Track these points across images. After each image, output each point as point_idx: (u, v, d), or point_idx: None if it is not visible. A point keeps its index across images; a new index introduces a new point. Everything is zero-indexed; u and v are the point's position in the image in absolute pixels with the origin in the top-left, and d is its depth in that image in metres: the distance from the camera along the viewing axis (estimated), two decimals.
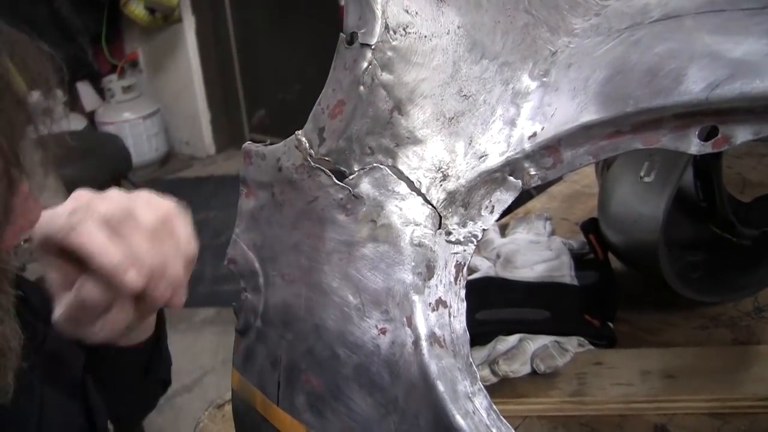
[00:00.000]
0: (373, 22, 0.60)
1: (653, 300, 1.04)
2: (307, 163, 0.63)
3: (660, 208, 0.93)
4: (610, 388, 0.84)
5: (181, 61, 5.07)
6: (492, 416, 0.55)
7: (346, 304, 0.62)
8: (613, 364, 0.89)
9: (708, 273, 1.07)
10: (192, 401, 2.73)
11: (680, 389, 0.83)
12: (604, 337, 0.93)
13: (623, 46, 0.62)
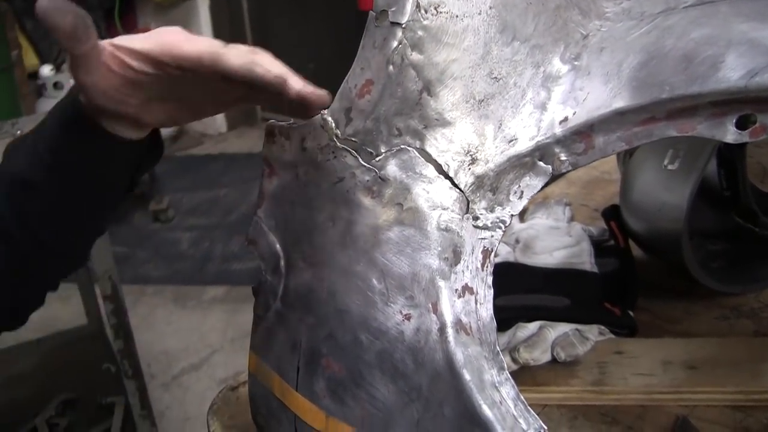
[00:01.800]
0: (404, 1, 0.58)
1: (674, 289, 1.03)
2: (333, 144, 0.61)
3: (684, 196, 0.91)
4: (631, 378, 0.83)
5: None
6: (519, 407, 0.54)
7: (370, 289, 0.60)
8: (634, 353, 0.87)
9: (729, 263, 1.05)
10: (200, 380, 2.73)
11: (702, 380, 0.82)
12: (624, 326, 0.92)
13: (657, 31, 0.60)
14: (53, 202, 0.70)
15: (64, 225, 0.72)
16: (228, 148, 5.02)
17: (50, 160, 0.68)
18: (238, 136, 5.25)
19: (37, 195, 0.69)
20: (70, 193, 0.70)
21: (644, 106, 0.56)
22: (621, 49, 0.61)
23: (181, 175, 4.53)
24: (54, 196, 0.69)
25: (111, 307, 1.78)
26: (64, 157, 0.68)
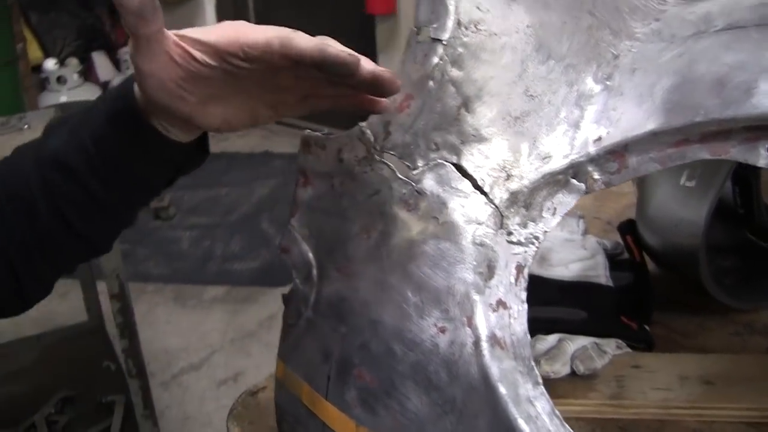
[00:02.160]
0: (445, 18, 0.59)
1: (688, 303, 1.04)
2: (371, 156, 0.63)
3: (701, 213, 0.93)
4: (649, 392, 0.84)
5: None
6: (555, 421, 0.55)
7: (405, 301, 0.61)
8: (652, 367, 0.88)
9: (741, 279, 1.06)
10: (199, 380, 2.73)
11: (719, 396, 0.83)
12: (642, 340, 0.93)
13: (689, 54, 0.61)
14: (88, 188, 0.69)
15: (94, 212, 0.71)
16: (229, 147, 5.01)
17: (93, 148, 0.68)
18: (240, 136, 5.24)
19: (72, 179, 0.69)
20: (106, 183, 0.69)
21: (679, 129, 0.58)
22: (653, 71, 0.62)
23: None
24: (90, 183, 0.69)
25: (117, 305, 1.78)
26: (107, 149, 0.68)
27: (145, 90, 0.62)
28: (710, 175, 0.94)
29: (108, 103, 0.68)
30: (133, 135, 0.67)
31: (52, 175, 0.69)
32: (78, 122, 0.69)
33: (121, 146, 0.68)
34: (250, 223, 3.95)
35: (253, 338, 2.98)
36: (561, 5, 0.65)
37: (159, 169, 0.72)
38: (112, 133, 0.67)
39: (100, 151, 0.68)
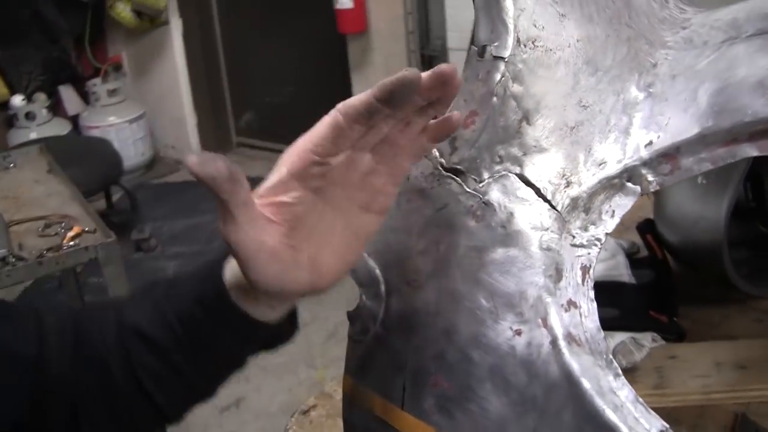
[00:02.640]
0: (506, 36, 0.63)
1: (707, 296, 1.08)
2: (438, 172, 0.66)
3: (720, 209, 0.97)
4: (688, 380, 0.88)
5: (166, 63, 5.06)
6: (640, 408, 0.58)
7: (479, 308, 0.64)
8: (687, 357, 0.93)
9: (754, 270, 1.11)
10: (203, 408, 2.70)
11: (754, 379, 0.88)
12: (674, 332, 0.97)
13: (725, 60, 0.65)
14: (172, 363, 0.68)
15: (175, 385, 0.70)
16: None
17: (179, 327, 0.67)
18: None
19: (156, 353, 0.68)
20: (192, 360, 0.68)
21: (728, 129, 0.62)
22: (693, 77, 0.66)
23: (159, 203, 4.53)
24: (174, 359, 0.68)
25: None
26: (195, 329, 0.67)
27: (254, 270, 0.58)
28: (726, 173, 0.98)
29: (196, 284, 0.67)
30: (222, 319, 0.65)
31: (133, 345, 0.68)
32: (162, 297, 0.69)
33: (209, 328, 0.66)
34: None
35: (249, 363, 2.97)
36: (603, 19, 0.69)
37: (249, 348, 0.71)
38: (200, 315, 0.66)
39: (187, 330, 0.67)
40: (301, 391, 2.84)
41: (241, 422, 2.67)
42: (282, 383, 2.89)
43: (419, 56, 4.14)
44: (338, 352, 3.04)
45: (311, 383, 2.89)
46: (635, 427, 0.56)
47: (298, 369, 2.98)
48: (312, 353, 3.08)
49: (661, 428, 0.56)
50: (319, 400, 0.94)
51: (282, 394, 2.83)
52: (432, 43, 4.23)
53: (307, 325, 3.27)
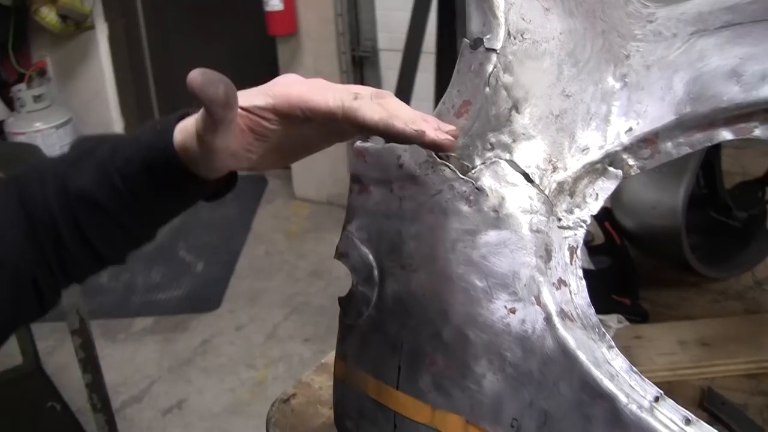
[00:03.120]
0: (497, 29, 0.66)
1: (664, 279, 1.13)
2: (432, 159, 0.68)
3: (678, 195, 1.02)
4: (655, 358, 0.93)
5: (93, 68, 4.98)
6: (634, 377, 0.62)
7: (473, 288, 0.67)
8: (652, 337, 0.97)
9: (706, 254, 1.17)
10: (143, 411, 2.72)
11: (717, 355, 0.93)
12: (638, 314, 1.02)
13: (696, 50, 0.70)
14: (118, 221, 0.72)
15: (120, 238, 0.75)
16: None
17: (124, 188, 0.71)
18: None
19: (102, 213, 0.72)
20: (137, 216, 0.73)
21: (706, 115, 0.66)
22: (667, 67, 0.70)
23: None
24: (120, 216, 0.72)
25: (79, 341, 1.78)
26: (140, 191, 0.71)
27: (213, 162, 0.67)
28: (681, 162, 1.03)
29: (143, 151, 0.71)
30: (169, 182, 0.71)
31: (78, 209, 0.72)
32: (107, 160, 0.72)
33: (155, 190, 0.72)
34: (167, 253, 3.92)
35: (190, 365, 2.98)
36: (581, 13, 0.72)
37: (190, 202, 0.76)
38: (146, 179, 0.71)
39: (133, 191, 0.71)
40: (244, 391, 2.86)
41: (185, 424, 2.66)
42: (224, 384, 2.90)
43: (350, 57, 4.17)
44: (278, 352, 3.07)
45: (253, 383, 2.91)
46: (631, 394, 0.59)
47: (238, 370, 2.99)
48: (252, 354, 3.09)
49: (656, 394, 0.60)
50: (298, 390, 0.96)
51: (225, 395, 2.83)
52: (362, 44, 4.26)
53: (245, 326, 3.27)
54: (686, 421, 0.57)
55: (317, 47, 4.27)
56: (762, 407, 0.86)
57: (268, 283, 3.64)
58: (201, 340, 3.14)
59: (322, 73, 4.28)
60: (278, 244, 3.97)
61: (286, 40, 4.33)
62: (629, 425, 0.58)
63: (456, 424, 0.68)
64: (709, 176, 1.15)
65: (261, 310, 3.40)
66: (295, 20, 4.22)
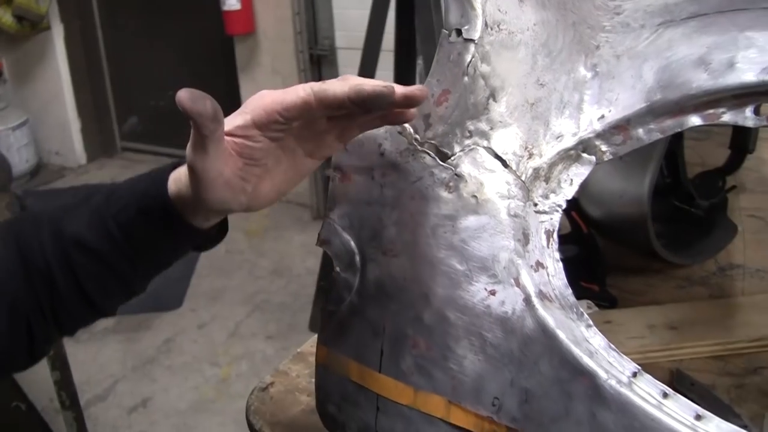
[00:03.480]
0: (475, 20, 0.68)
1: (630, 266, 1.16)
2: (413, 147, 0.70)
3: (644, 183, 1.05)
4: (625, 342, 0.95)
5: (49, 69, 4.94)
6: (612, 354, 0.64)
7: (454, 272, 0.69)
8: (621, 321, 1.00)
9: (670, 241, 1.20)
10: (108, 410, 2.71)
11: (685, 338, 0.95)
12: (606, 299, 1.05)
13: (663, 40, 0.72)
14: (113, 269, 0.73)
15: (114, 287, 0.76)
16: (91, 179, 4.93)
17: (118, 234, 0.72)
18: (99, 168, 5.17)
19: (98, 260, 0.73)
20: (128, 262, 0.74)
21: (675, 101, 0.69)
22: (636, 57, 0.73)
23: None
24: (116, 264, 0.73)
25: None
26: (134, 237, 0.73)
27: (208, 192, 0.67)
28: (647, 150, 1.06)
29: (140, 195, 0.73)
30: (164, 229, 0.72)
31: (73, 255, 0.73)
32: (102, 206, 0.73)
33: (150, 237, 0.73)
34: None
35: (154, 363, 2.97)
36: (553, 5, 0.75)
37: (185, 251, 0.78)
38: (143, 224, 0.72)
39: (128, 237, 0.72)
40: (208, 388, 2.86)
41: (150, 422, 2.66)
42: (188, 382, 2.90)
43: (308, 56, 4.17)
44: (240, 349, 3.08)
45: (217, 381, 2.92)
46: (610, 370, 0.62)
47: (202, 368, 2.99)
48: (215, 352, 3.09)
49: (634, 370, 0.62)
50: (276, 378, 0.97)
51: (189, 393, 2.83)
52: (320, 42, 4.26)
53: (207, 324, 3.27)
54: (664, 395, 0.59)
55: (275, 46, 4.28)
56: (729, 387, 0.89)
57: (229, 281, 3.63)
58: (164, 338, 3.14)
59: (280, 72, 4.29)
60: (238, 243, 3.96)
61: (244, 39, 4.33)
62: (609, 400, 0.60)
63: (438, 404, 0.70)
64: (672, 166, 1.18)
65: (223, 309, 3.40)
66: (253, 19, 4.22)
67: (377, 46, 2.78)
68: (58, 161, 5.21)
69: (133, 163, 5.17)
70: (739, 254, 1.16)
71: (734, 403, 0.86)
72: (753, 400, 0.87)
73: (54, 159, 5.23)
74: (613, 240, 1.19)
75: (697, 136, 1.25)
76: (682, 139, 1.16)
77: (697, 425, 0.57)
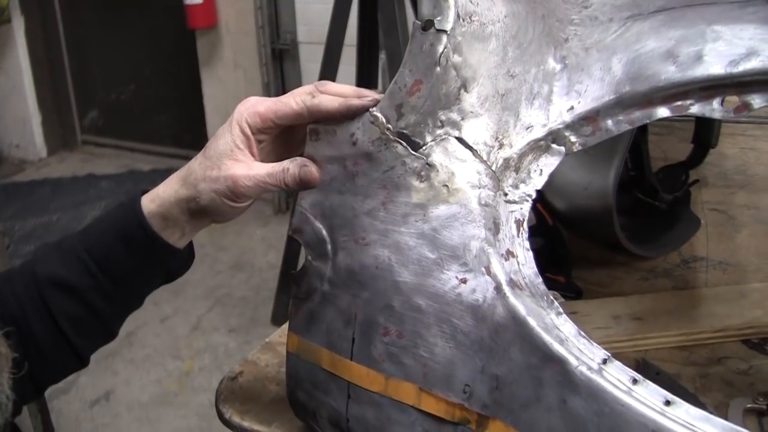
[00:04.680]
0: (447, 11, 0.68)
1: (594, 259, 1.18)
2: (385, 136, 0.71)
3: (608, 176, 1.06)
4: (591, 332, 0.96)
5: (9, 62, 4.89)
6: (582, 341, 0.65)
7: (425, 260, 0.70)
8: (587, 312, 1.01)
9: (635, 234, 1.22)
10: (70, 403, 2.69)
11: (650, 328, 0.97)
12: (572, 290, 1.06)
13: (631, 33, 0.74)
14: (91, 305, 0.76)
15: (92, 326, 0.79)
16: (51, 173, 4.89)
17: (96, 269, 0.75)
18: (59, 161, 5.12)
19: (76, 298, 0.75)
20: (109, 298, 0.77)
21: (644, 93, 0.70)
22: (605, 49, 0.74)
23: (8, 203, 4.40)
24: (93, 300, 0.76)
25: None
26: (113, 269, 0.76)
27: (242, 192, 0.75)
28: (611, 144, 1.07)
29: (114, 223, 0.77)
30: (143, 250, 0.76)
31: (50, 296, 0.75)
32: (76, 243, 0.76)
33: (127, 265, 0.76)
34: None
35: (116, 357, 2.96)
36: None
37: (158, 279, 0.81)
38: (121, 250, 0.75)
39: (105, 270, 0.75)
40: (171, 382, 2.86)
41: (113, 414, 2.65)
42: (150, 375, 2.90)
43: (270, 50, 4.16)
44: (203, 343, 3.07)
45: (179, 374, 2.92)
46: (580, 357, 0.63)
47: (165, 361, 2.99)
48: (177, 345, 3.10)
49: (604, 357, 0.63)
50: (245, 367, 0.97)
51: (151, 386, 2.83)
52: (282, 37, 4.26)
53: (170, 318, 3.26)
54: (633, 381, 0.60)
55: (237, 40, 4.27)
56: (694, 376, 0.91)
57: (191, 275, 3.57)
58: (126, 331, 3.10)
59: (242, 66, 4.28)
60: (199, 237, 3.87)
61: (206, 33, 4.32)
62: (580, 386, 0.61)
63: (409, 392, 0.71)
64: (636, 160, 1.19)
65: (185, 302, 3.38)
66: (215, 13, 4.21)
67: (340, 41, 2.78)
68: (18, 154, 5.16)
69: (94, 156, 5.13)
70: (703, 247, 1.18)
71: (699, 392, 0.88)
72: (717, 389, 0.89)
73: (14, 152, 5.18)
74: (578, 232, 1.21)
75: (660, 131, 1.27)
76: (646, 132, 1.18)
77: (667, 410, 0.58)
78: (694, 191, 1.26)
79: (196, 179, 0.75)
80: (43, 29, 5.00)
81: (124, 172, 4.79)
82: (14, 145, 5.16)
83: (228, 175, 0.74)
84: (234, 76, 4.35)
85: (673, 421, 0.57)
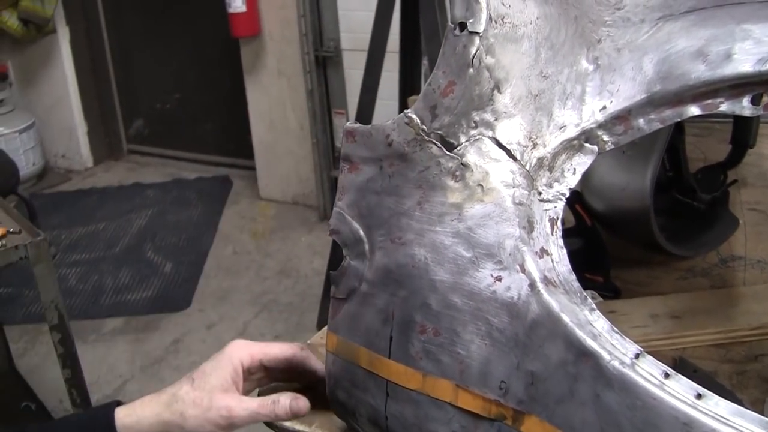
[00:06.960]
0: (480, 13, 0.70)
1: (633, 259, 1.18)
2: (420, 137, 0.72)
3: (646, 177, 1.07)
4: (629, 331, 0.97)
5: (55, 72, 4.97)
6: (615, 336, 0.66)
7: (460, 259, 0.71)
8: (625, 311, 1.02)
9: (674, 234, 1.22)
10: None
11: (687, 327, 0.97)
12: (610, 290, 1.07)
13: (663, 33, 0.74)
14: None
15: None
16: (98, 182, 4.97)
17: None
18: (105, 170, 5.20)
19: None
20: None
21: (675, 92, 0.70)
22: (636, 50, 0.75)
23: (54, 212, 4.47)
24: None
25: (58, 336, 1.79)
26: None
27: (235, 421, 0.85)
28: (649, 144, 1.08)
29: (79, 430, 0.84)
30: None
31: None
32: None
33: None
34: (134, 254, 3.93)
35: (162, 363, 2.99)
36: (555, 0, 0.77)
37: None
38: None
39: None
40: None
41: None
42: None
43: (313, 58, 4.20)
44: None
45: None
46: (613, 352, 0.63)
47: None
48: None
49: (637, 351, 0.64)
50: None
51: None
52: (325, 44, 4.29)
53: (216, 324, 3.29)
54: (665, 375, 0.61)
55: (280, 48, 4.30)
56: (731, 374, 0.91)
57: (237, 282, 3.65)
58: (172, 339, 3.16)
59: (286, 73, 4.31)
60: (245, 244, 3.99)
61: (249, 41, 4.35)
62: (613, 380, 0.62)
63: (447, 389, 0.72)
64: (674, 160, 1.20)
65: (231, 309, 3.42)
66: (258, 22, 4.24)
67: (382, 47, 2.80)
68: (65, 164, 5.25)
69: (139, 165, 5.20)
70: (741, 246, 1.17)
71: (736, 389, 0.88)
72: (754, 386, 0.89)
73: (60, 162, 5.27)
74: (616, 233, 1.21)
75: (699, 132, 1.27)
76: (683, 133, 1.18)
77: (698, 404, 0.59)
78: (732, 191, 1.26)
79: (184, 406, 0.83)
80: (88, 39, 5.09)
81: (169, 181, 4.86)
82: (60, 155, 5.25)
83: (223, 405, 0.84)
84: (278, 84, 4.39)
85: (704, 414, 0.57)
